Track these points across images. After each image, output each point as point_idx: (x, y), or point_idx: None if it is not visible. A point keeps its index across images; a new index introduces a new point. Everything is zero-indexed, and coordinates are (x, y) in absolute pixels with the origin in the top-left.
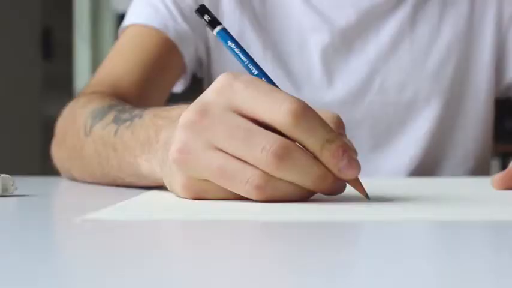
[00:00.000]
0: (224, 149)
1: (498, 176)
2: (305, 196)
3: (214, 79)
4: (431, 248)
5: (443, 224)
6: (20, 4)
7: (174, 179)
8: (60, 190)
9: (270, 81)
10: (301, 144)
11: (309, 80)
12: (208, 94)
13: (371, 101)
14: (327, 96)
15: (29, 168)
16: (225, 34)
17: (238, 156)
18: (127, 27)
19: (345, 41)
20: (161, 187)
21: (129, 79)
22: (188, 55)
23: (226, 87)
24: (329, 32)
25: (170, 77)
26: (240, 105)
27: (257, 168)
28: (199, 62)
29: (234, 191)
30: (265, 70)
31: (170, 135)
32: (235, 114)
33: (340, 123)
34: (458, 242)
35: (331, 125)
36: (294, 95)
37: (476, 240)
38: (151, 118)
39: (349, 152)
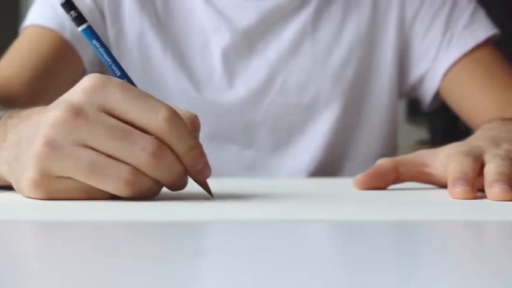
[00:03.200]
0: (96, 148)
1: (359, 177)
2: (158, 192)
3: None
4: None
5: (280, 223)
6: None
7: (24, 175)
8: None
9: (132, 84)
10: (169, 147)
11: (210, 81)
12: (78, 94)
13: (271, 102)
14: (228, 97)
15: None
16: (90, 32)
17: (110, 155)
18: (27, 27)
19: (246, 42)
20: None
21: (18, 79)
22: (86, 55)
23: (98, 88)
24: (230, 33)
25: (65, 77)
26: (114, 108)
27: (128, 165)
28: (100, 63)
29: (101, 187)
30: (166, 70)
31: (22, 134)
32: (107, 115)
33: (196, 125)
34: (293, 242)
35: (189, 124)
36: (195, 95)
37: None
38: (5, 118)
39: (204, 157)
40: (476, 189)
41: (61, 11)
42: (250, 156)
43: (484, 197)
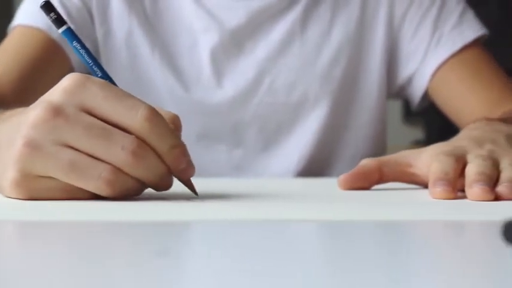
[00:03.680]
0: (76, 147)
1: (343, 177)
2: (140, 192)
3: None
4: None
5: (263, 223)
6: None
7: (5, 175)
8: None
9: (114, 84)
10: (150, 146)
11: (199, 81)
12: (58, 93)
13: (260, 101)
14: (216, 96)
15: None
16: (70, 34)
17: (91, 154)
18: (15, 27)
19: (235, 42)
20: None
21: (7, 79)
22: (74, 55)
23: (78, 88)
24: (219, 33)
25: (54, 77)
26: (94, 107)
27: (109, 164)
28: None
29: (82, 186)
30: (154, 70)
31: (2, 135)
32: (87, 114)
33: (177, 124)
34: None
35: (171, 124)
36: (183, 95)
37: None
38: None
39: (187, 156)
40: (459, 189)
41: None
42: (239, 156)
43: (465, 197)
